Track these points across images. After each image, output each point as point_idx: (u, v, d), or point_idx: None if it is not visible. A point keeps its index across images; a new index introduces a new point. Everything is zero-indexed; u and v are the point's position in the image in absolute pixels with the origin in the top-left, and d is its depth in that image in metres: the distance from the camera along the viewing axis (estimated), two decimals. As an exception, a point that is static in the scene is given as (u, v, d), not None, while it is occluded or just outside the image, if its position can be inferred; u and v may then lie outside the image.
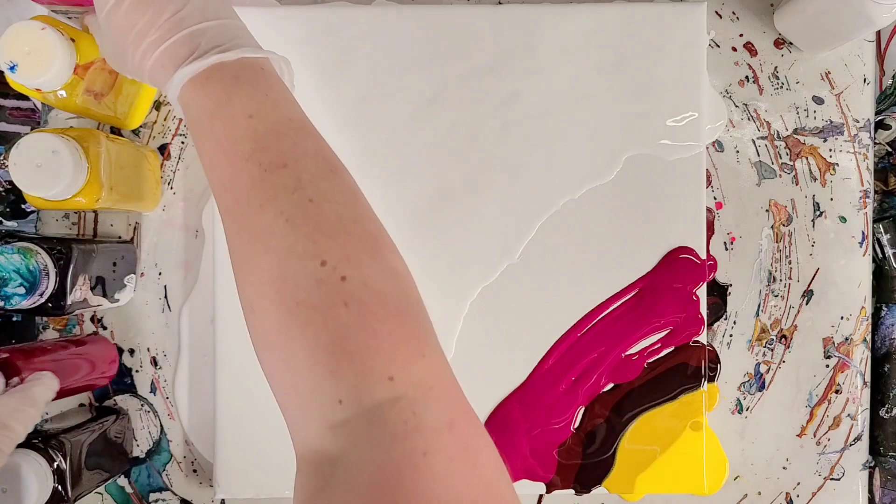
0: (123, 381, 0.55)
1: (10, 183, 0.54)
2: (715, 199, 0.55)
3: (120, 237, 0.55)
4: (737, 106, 0.54)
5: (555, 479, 0.52)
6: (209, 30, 0.36)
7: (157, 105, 0.55)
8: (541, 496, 0.54)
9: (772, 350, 0.55)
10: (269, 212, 0.33)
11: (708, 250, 0.54)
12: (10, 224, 0.60)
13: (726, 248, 0.55)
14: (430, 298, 0.52)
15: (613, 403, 0.52)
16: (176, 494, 0.55)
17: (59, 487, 0.45)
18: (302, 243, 0.32)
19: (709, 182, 0.54)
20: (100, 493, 0.54)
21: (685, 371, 0.52)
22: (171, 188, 0.55)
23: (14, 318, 0.62)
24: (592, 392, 0.52)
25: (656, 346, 0.52)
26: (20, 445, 0.44)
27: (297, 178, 0.34)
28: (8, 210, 0.60)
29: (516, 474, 0.52)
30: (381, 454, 0.30)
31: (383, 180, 0.51)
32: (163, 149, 0.55)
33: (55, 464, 0.45)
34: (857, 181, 0.55)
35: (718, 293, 0.54)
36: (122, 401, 0.55)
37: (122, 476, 0.54)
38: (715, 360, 0.54)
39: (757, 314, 0.55)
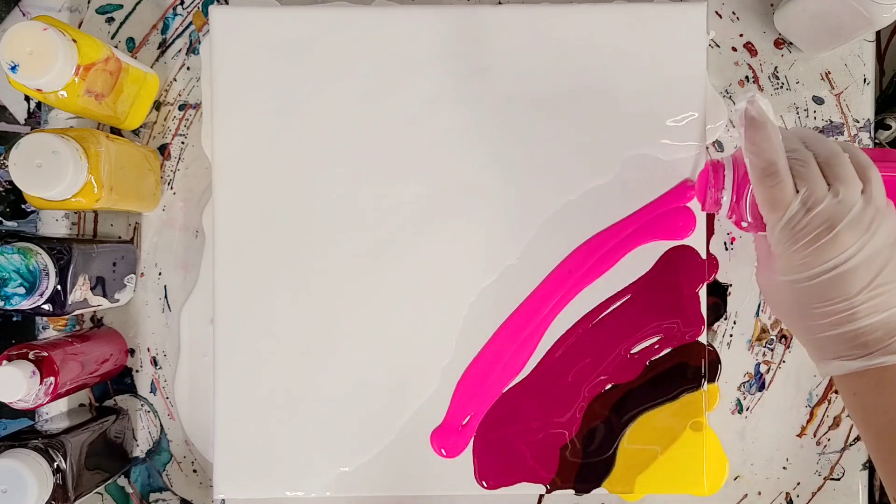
0: (123, 381, 0.55)
1: (10, 183, 0.54)
2: (715, 199, 0.54)
3: (120, 237, 0.55)
4: (737, 106, 0.54)
5: (555, 479, 0.52)
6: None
7: (157, 105, 0.55)
8: (541, 496, 0.54)
9: (772, 350, 0.55)
10: None
11: (708, 250, 0.54)
12: (10, 224, 0.60)
13: (726, 248, 0.55)
14: (430, 299, 0.52)
15: (613, 403, 0.52)
16: (176, 494, 0.55)
17: (60, 487, 0.45)
18: None
19: (709, 182, 0.54)
20: (100, 493, 0.54)
21: (685, 371, 0.52)
22: (171, 188, 0.55)
23: (14, 318, 0.62)
24: (592, 392, 0.52)
25: (656, 346, 0.52)
26: (20, 445, 0.45)
27: None
28: (8, 210, 0.60)
29: (516, 475, 0.52)
30: None
31: (383, 180, 0.51)
32: (163, 149, 0.55)
33: (55, 464, 0.45)
34: (857, 181, 0.54)
35: (718, 293, 0.54)
36: (122, 401, 0.55)
37: (122, 476, 0.54)
38: (715, 360, 0.54)
39: (757, 314, 0.55)
